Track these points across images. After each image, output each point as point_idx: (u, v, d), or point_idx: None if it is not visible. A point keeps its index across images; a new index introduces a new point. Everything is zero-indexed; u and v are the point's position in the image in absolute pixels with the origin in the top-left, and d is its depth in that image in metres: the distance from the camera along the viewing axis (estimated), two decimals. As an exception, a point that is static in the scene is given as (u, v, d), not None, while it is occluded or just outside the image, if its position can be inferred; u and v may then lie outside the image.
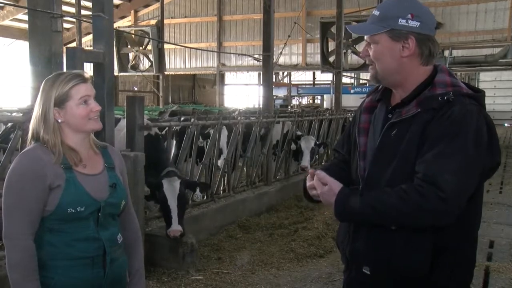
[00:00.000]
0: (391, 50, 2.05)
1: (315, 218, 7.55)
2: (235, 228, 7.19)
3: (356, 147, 2.18)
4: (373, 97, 2.25)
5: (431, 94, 2.00)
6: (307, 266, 5.76)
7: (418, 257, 1.97)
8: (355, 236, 2.12)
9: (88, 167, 2.26)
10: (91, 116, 2.23)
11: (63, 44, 4.64)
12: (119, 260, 2.32)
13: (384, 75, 2.10)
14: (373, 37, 2.08)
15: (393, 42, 2.04)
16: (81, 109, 2.21)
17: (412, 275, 1.99)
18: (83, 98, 2.22)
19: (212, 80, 31.45)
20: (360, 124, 2.21)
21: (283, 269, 5.66)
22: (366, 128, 2.18)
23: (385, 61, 2.07)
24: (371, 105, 2.23)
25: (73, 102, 2.20)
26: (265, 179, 8.94)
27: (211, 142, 7.08)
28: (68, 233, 2.16)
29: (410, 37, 2.02)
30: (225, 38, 25.18)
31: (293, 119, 9.76)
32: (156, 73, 21.63)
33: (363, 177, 2.11)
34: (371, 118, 2.19)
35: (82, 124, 2.22)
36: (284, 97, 28.91)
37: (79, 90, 2.22)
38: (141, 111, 5.44)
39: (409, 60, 2.05)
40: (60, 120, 2.20)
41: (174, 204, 5.22)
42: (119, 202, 2.32)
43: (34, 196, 2.10)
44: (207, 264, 5.74)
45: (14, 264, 2.09)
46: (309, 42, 23.18)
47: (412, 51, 2.04)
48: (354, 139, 2.23)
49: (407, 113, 2.01)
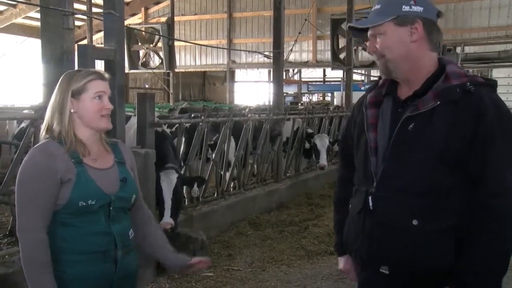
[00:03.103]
0: (399, 36, 2.03)
1: (326, 215, 7.55)
2: (246, 225, 7.20)
3: (366, 143, 2.14)
4: (376, 92, 2.22)
5: (448, 85, 1.98)
6: (318, 263, 5.76)
7: (441, 253, 1.95)
8: (371, 236, 2.08)
9: (98, 161, 2.28)
10: (103, 113, 2.26)
11: (74, 41, 4.67)
12: (131, 254, 2.35)
13: (395, 64, 2.07)
14: (378, 28, 2.06)
15: (400, 28, 2.02)
16: (95, 104, 2.24)
17: (435, 271, 1.97)
18: (98, 93, 2.26)
19: (222, 77, 31.43)
20: (368, 119, 2.17)
21: (294, 266, 5.66)
22: (374, 123, 2.14)
23: (395, 49, 2.04)
24: (376, 100, 2.19)
25: (88, 95, 2.24)
26: (275, 176, 8.95)
27: (222, 139, 7.09)
28: (79, 227, 2.19)
29: (417, 21, 2.01)
30: (235, 35, 25.15)
31: (303, 116, 9.75)
32: (167, 70, 21.65)
33: (376, 173, 2.07)
34: (378, 112, 2.15)
35: (93, 119, 2.25)
36: (294, 94, 28.80)
37: (96, 85, 2.26)
38: (151, 109, 5.46)
39: (418, 45, 2.03)
40: (72, 110, 2.23)
41: (168, 197, 5.23)
42: (129, 196, 2.35)
43: (46, 190, 2.13)
44: (217, 261, 5.75)
45: (28, 258, 2.12)
46: (320, 39, 23.09)
47: (421, 34, 2.02)
48: (360, 134, 2.20)
49: (425, 106, 1.97)
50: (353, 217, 2.20)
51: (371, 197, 2.08)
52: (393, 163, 2.03)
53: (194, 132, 6.75)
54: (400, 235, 1.99)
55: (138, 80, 27.97)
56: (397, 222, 1.99)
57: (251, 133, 7.94)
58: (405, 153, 2.00)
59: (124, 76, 4.95)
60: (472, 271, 1.90)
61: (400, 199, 1.99)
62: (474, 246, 1.91)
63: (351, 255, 2.30)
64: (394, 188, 2.01)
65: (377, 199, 2.06)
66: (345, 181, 2.36)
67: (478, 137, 1.89)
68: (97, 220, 2.22)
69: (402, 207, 1.99)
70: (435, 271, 1.98)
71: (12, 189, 3.96)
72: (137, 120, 5.41)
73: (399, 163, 2.01)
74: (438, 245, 1.95)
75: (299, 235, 6.74)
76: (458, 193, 1.94)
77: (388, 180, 2.03)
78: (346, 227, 2.28)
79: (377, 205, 2.06)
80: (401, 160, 2.00)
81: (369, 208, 2.08)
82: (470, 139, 1.90)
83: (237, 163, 7.63)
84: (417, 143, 1.97)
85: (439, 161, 1.92)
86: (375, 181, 2.07)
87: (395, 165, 2.02)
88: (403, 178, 1.98)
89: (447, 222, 1.94)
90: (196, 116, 7.15)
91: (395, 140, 2.02)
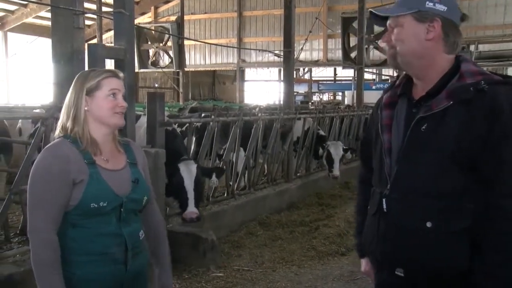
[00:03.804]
0: (415, 32, 2.01)
1: (337, 215, 7.54)
2: (256, 225, 7.20)
3: (381, 145, 2.12)
4: (392, 92, 2.20)
5: (461, 84, 1.95)
6: (329, 264, 5.75)
7: (455, 256, 1.93)
8: (385, 238, 2.07)
9: (110, 162, 2.28)
10: (117, 110, 2.25)
11: (84, 40, 4.69)
12: (141, 256, 2.35)
13: (406, 59, 2.05)
14: (397, 19, 2.04)
15: (418, 23, 2.00)
16: (109, 101, 2.24)
17: (450, 274, 1.95)
18: (113, 91, 2.25)
19: (232, 77, 31.45)
20: (382, 120, 2.15)
21: (304, 266, 5.66)
22: (389, 124, 2.12)
23: (409, 44, 2.02)
24: (391, 101, 2.17)
25: (102, 92, 2.24)
26: (285, 176, 8.94)
27: (232, 138, 7.10)
28: (90, 229, 2.19)
29: (436, 19, 1.98)
30: (245, 34, 25.17)
31: (314, 116, 9.73)
32: (176, 70, 21.72)
33: (390, 174, 2.06)
34: (393, 113, 2.13)
35: (107, 116, 2.24)
36: (305, 93, 28.78)
37: (110, 82, 2.26)
38: (161, 108, 5.48)
39: (433, 44, 2.01)
40: (86, 108, 2.23)
41: (190, 187, 5.23)
42: (141, 198, 2.34)
43: (58, 191, 2.13)
44: (227, 261, 5.76)
45: (38, 258, 2.12)
46: (330, 37, 23.05)
47: (437, 33, 1.99)
48: (376, 136, 2.18)
49: (438, 106, 1.95)
50: (370, 218, 2.19)
51: (385, 199, 2.07)
52: (406, 164, 2.01)
53: (204, 131, 6.76)
54: (414, 237, 1.98)
55: (148, 79, 28.07)
56: (411, 224, 1.98)
57: (261, 132, 7.93)
58: (417, 154, 1.98)
59: (134, 75, 4.96)
60: (484, 274, 1.88)
61: (413, 200, 1.98)
62: (486, 248, 1.89)
63: (369, 257, 2.30)
64: (407, 190, 2.00)
65: (390, 201, 2.05)
66: (366, 183, 2.35)
67: (491, 137, 1.86)
68: (108, 221, 2.22)
69: (415, 209, 1.97)
70: (450, 274, 1.95)
71: (24, 188, 3.99)
72: (147, 120, 5.43)
73: (412, 164, 2.00)
74: (452, 248, 1.93)
75: (309, 236, 6.73)
76: (472, 194, 1.92)
77: (401, 182, 2.02)
78: (365, 228, 2.27)
79: (390, 207, 2.05)
80: (414, 162, 1.99)
81: (383, 210, 2.07)
82: (483, 139, 1.87)
83: (247, 163, 7.63)
84: (429, 144, 1.95)
85: (452, 161, 1.91)
86: (389, 182, 2.06)
87: (408, 166, 2.01)
88: (416, 180, 1.97)
89: (461, 224, 1.92)
90: (206, 116, 7.16)
91: (408, 141, 2.01)
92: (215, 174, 5.96)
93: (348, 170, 9.97)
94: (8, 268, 4.14)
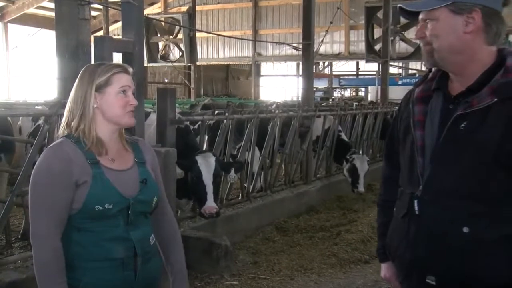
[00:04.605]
0: (452, 25, 1.96)
1: (359, 220, 7.51)
2: (273, 230, 7.19)
3: (412, 142, 2.09)
4: (425, 86, 2.16)
5: (507, 80, 1.90)
6: (351, 272, 5.72)
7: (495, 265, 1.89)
8: (416, 243, 2.04)
9: (116, 162, 2.28)
10: (128, 109, 2.26)
11: (90, 32, 4.72)
12: (152, 261, 2.34)
13: (443, 55, 2.00)
14: (431, 12, 1.99)
15: (455, 16, 1.95)
16: (119, 98, 2.25)
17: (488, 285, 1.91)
18: (123, 88, 2.26)
19: (247, 71, 31.52)
20: (414, 116, 2.11)
21: (325, 275, 5.64)
22: (422, 120, 2.09)
23: (446, 38, 1.98)
24: (424, 95, 2.13)
25: (112, 89, 2.24)
26: (304, 178, 8.92)
27: (247, 137, 7.10)
28: (96, 233, 2.19)
29: (475, 10, 1.93)
30: (261, 26, 25.19)
31: (335, 113, 9.70)
32: (187, 64, 21.81)
33: (423, 174, 2.03)
34: (427, 109, 2.09)
35: (117, 115, 2.25)
36: (325, 89, 28.73)
37: (121, 79, 2.26)
38: (172, 104, 5.50)
39: (473, 37, 1.96)
40: (95, 105, 2.24)
41: (209, 180, 5.26)
42: (150, 199, 2.34)
43: (60, 194, 2.14)
44: (242, 268, 5.76)
45: (41, 265, 2.13)
46: (353, 29, 22.99)
47: (477, 25, 1.94)
48: (406, 132, 2.15)
49: (480, 103, 1.90)
50: (397, 221, 2.17)
51: (417, 201, 2.04)
52: (442, 164, 1.98)
53: (218, 129, 6.77)
54: (449, 243, 1.94)
55: (157, 74, 28.23)
56: (446, 229, 1.95)
57: (279, 131, 7.93)
58: (455, 154, 1.94)
59: (143, 70, 4.98)
60: None
61: (449, 204, 1.94)
62: None
63: (394, 262, 2.27)
64: (442, 192, 1.97)
65: (423, 203, 2.02)
66: (391, 182, 2.33)
67: None
68: (115, 225, 2.22)
69: (452, 213, 1.94)
70: (488, 285, 1.92)
71: (26, 190, 4.02)
72: (157, 117, 5.45)
73: (448, 165, 1.96)
74: (492, 256, 1.89)
75: (330, 242, 6.71)
76: None
77: (436, 183, 1.99)
78: (390, 231, 2.24)
79: (423, 210, 2.02)
80: (451, 162, 1.95)
81: (415, 213, 2.04)
82: None
83: (263, 163, 7.63)
84: (469, 144, 1.91)
85: (494, 163, 1.87)
86: (421, 183, 2.03)
87: (444, 167, 1.97)
88: (453, 181, 1.94)
89: (502, 231, 1.88)
90: (220, 113, 7.17)
91: (445, 139, 1.97)
92: (234, 169, 5.97)
93: (372, 172, 9.91)
94: (10, 275, 4.17)
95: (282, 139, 8.24)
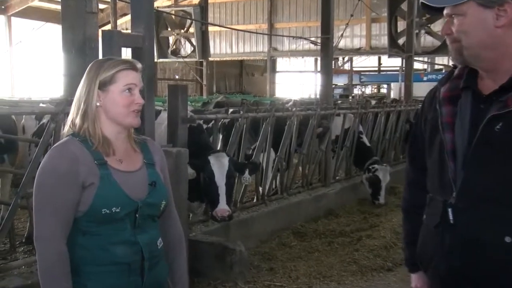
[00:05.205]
0: (482, 20, 1.93)
1: (382, 225, 7.49)
2: (289, 235, 7.20)
3: (441, 145, 2.06)
4: (451, 85, 2.13)
5: None
6: (373, 280, 5.71)
7: None
8: (452, 253, 2.01)
9: (124, 163, 2.29)
10: (133, 108, 2.26)
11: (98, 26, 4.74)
12: (159, 266, 2.36)
13: (473, 52, 1.98)
14: (457, 7, 1.97)
15: (484, 10, 1.92)
16: (124, 97, 2.25)
17: None
18: (129, 86, 2.26)
19: (262, 67, 31.50)
20: (442, 117, 2.08)
21: (345, 283, 5.63)
22: (451, 122, 2.05)
23: (475, 35, 1.95)
24: (452, 94, 2.10)
25: (116, 86, 2.24)
26: (323, 180, 8.91)
27: (262, 137, 7.10)
28: (102, 236, 2.21)
29: (507, 1, 1.90)
30: (277, 19, 25.14)
31: (355, 111, 9.67)
32: (199, 59, 21.76)
33: (455, 180, 1.99)
34: (455, 110, 2.06)
35: (121, 115, 2.26)
36: (345, 86, 28.68)
37: (127, 76, 2.26)
38: (184, 102, 5.51)
39: (506, 31, 1.93)
40: (98, 103, 2.25)
41: (222, 182, 5.29)
42: (159, 203, 2.36)
43: (66, 195, 2.15)
44: (257, 275, 5.77)
45: (45, 269, 2.15)
46: (375, 21, 22.86)
47: (510, 18, 1.91)
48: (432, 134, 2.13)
49: None
50: (429, 230, 2.13)
51: (451, 209, 2.01)
52: (476, 169, 1.95)
53: (231, 129, 6.78)
54: (489, 253, 1.91)
55: (168, 70, 28.28)
56: (485, 239, 1.91)
57: (296, 130, 7.92)
58: (491, 157, 1.92)
59: (154, 66, 5.00)
60: None
61: (488, 211, 1.91)
62: None
63: (426, 272, 2.24)
64: (479, 199, 1.93)
65: (458, 212, 1.99)
66: (416, 186, 2.31)
67: None
68: (122, 228, 2.24)
69: (491, 221, 1.91)
70: None
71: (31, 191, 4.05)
72: (168, 115, 5.47)
73: (484, 169, 1.93)
74: None
75: (350, 248, 6.70)
76: None
77: (471, 190, 1.95)
78: (421, 240, 2.21)
79: (459, 219, 1.99)
80: (486, 166, 1.92)
81: (449, 222, 2.01)
82: None
83: (279, 164, 7.63)
84: (506, 146, 1.88)
85: None
86: (454, 190, 2.00)
87: (479, 171, 1.94)
88: (490, 187, 1.91)
89: None
90: (234, 111, 7.18)
91: (479, 142, 1.94)
92: (249, 170, 5.99)
93: (394, 174, 9.88)
94: (14, 281, 4.21)
95: (300, 138, 8.23)
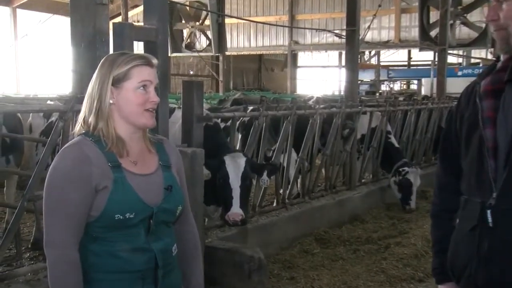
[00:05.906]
0: None
1: (412, 232, 7.45)
2: (311, 242, 7.19)
3: (480, 143, 2.07)
4: (494, 78, 2.12)
5: None
6: (402, 291, 5.69)
7: None
8: (491, 259, 2.01)
9: (139, 165, 2.29)
10: (147, 107, 2.26)
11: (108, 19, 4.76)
12: (173, 274, 2.38)
13: None
14: None
15: None
16: (138, 94, 2.25)
17: None
18: (144, 82, 2.25)
19: (282, 62, 31.53)
20: (483, 112, 2.08)
21: (372, 294, 5.61)
22: (492, 117, 2.05)
23: None
24: (494, 88, 2.09)
25: (130, 83, 2.24)
26: (347, 182, 8.89)
27: (283, 137, 7.10)
28: (114, 243, 2.22)
29: None
30: (298, 10, 25.16)
31: (383, 109, 9.63)
32: (215, 54, 21.83)
33: (496, 180, 1.99)
34: (498, 104, 2.05)
35: (135, 114, 2.25)
36: (371, 82, 28.55)
37: (141, 72, 2.26)
38: (199, 99, 5.53)
39: None
40: (111, 101, 2.24)
41: (236, 184, 5.32)
42: (175, 208, 2.36)
43: (77, 199, 2.16)
44: (277, 284, 5.77)
45: (57, 278, 2.16)
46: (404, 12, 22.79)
47: None
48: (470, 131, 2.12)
49: None
50: (464, 234, 2.13)
51: (490, 210, 2.01)
52: None
53: (250, 128, 6.78)
54: None
55: (182, 65, 28.41)
56: None
57: (319, 129, 7.90)
58: None
59: (167, 61, 5.02)
60: None
61: None
62: None
63: (459, 282, 2.23)
64: None
65: (499, 214, 1.99)
66: (447, 189, 2.30)
67: None
68: (136, 235, 2.24)
69: None
70: None
71: (38, 194, 4.09)
72: (183, 114, 5.49)
73: None
74: None
75: (378, 256, 6.67)
76: None
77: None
78: (453, 247, 2.21)
79: (499, 221, 1.99)
80: None
81: (488, 225, 2.01)
82: None
83: (301, 166, 7.62)
84: None
85: None
86: (495, 190, 2.00)
87: None
88: None
89: None
90: (253, 109, 7.19)
91: None
92: (267, 171, 5.99)
93: (425, 176, 9.82)
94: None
95: (323, 138, 8.21)
